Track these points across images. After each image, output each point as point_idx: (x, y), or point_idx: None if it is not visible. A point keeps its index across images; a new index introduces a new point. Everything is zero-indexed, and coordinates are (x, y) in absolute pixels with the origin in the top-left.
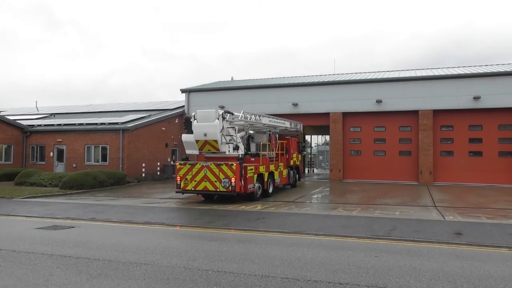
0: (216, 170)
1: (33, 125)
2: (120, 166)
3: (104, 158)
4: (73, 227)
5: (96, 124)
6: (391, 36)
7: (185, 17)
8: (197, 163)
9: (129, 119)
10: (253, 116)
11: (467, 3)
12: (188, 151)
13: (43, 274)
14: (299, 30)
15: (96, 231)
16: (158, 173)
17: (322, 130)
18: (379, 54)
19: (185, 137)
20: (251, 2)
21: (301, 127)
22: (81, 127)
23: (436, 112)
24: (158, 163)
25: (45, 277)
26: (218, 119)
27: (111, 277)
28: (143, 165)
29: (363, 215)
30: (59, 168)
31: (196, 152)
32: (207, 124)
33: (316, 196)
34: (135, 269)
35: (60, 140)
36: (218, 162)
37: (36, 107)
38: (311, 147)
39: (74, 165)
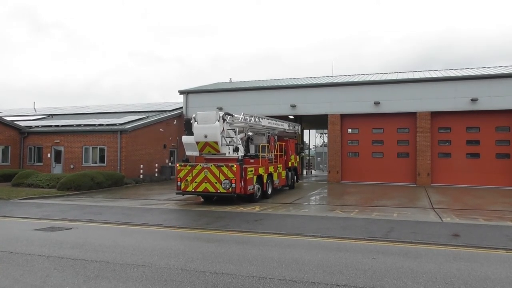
0: (216, 172)
1: (31, 126)
2: (118, 167)
3: (102, 159)
4: (71, 228)
5: (94, 125)
6: (378, 39)
7: (173, 20)
8: (198, 164)
9: (127, 120)
10: (252, 118)
11: (451, 9)
12: (188, 153)
13: (40, 275)
14: (286, 33)
15: (94, 232)
16: (156, 174)
17: (320, 124)
18: (366, 57)
19: (185, 138)
20: (240, 6)
21: (299, 129)
22: (79, 128)
23: (434, 114)
24: (156, 165)
25: (42, 279)
26: (218, 120)
27: (109, 278)
28: (141, 166)
29: (361, 217)
30: (57, 169)
31: (196, 153)
32: (207, 125)
33: (314, 197)
34: (133, 270)
35: (57, 141)
36: (219, 164)
37: (34, 108)
38: (309, 148)
39: (71, 166)
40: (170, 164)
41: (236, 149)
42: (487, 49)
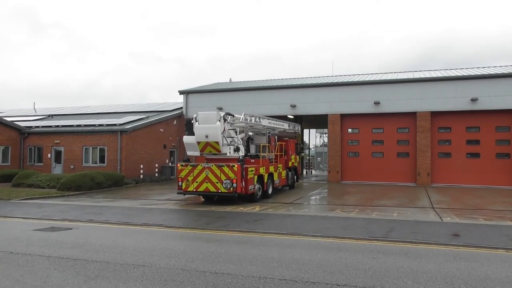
0: (217, 171)
1: (31, 127)
2: (118, 167)
3: (102, 160)
4: (71, 228)
5: (94, 125)
6: (377, 39)
7: (173, 20)
8: (199, 164)
9: (127, 121)
10: (253, 118)
11: (450, 9)
12: (189, 152)
13: (40, 275)
14: (286, 33)
15: (94, 232)
16: (156, 174)
17: (320, 123)
18: (366, 57)
19: (186, 138)
20: (240, 6)
21: (299, 129)
22: (79, 128)
23: (434, 114)
24: (156, 165)
25: (42, 279)
26: (219, 120)
27: (109, 278)
28: (141, 166)
29: (361, 217)
30: (57, 169)
31: (197, 153)
32: (208, 125)
33: (314, 197)
34: (133, 270)
35: (57, 141)
36: (220, 164)
37: (34, 108)
38: (309, 148)
39: (72, 166)
40: (170, 164)
41: (237, 149)
42: (487, 49)
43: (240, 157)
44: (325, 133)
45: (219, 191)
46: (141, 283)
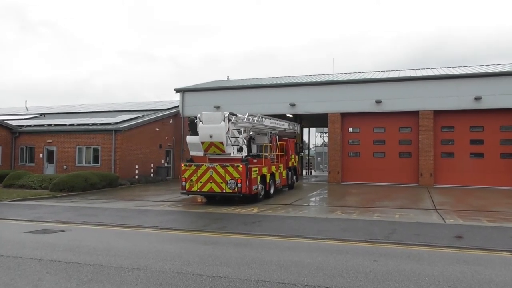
0: (222, 172)
1: (22, 126)
2: (113, 167)
3: (96, 160)
4: (64, 231)
5: (87, 124)
6: (374, 39)
7: (169, 20)
8: (203, 164)
9: (121, 120)
10: (255, 118)
11: (446, 8)
12: (192, 153)
13: (32, 279)
14: (285, 32)
15: (87, 235)
16: (152, 175)
17: (320, 122)
18: (362, 56)
19: (190, 138)
20: (238, 5)
21: (298, 128)
22: (72, 127)
23: (437, 113)
24: (152, 165)
25: (34, 283)
26: (224, 121)
27: (103, 282)
28: (136, 166)
29: (362, 218)
30: (49, 170)
31: (200, 153)
32: (213, 126)
33: (314, 198)
34: (127, 274)
35: (50, 141)
36: (224, 164)
37: (26, 107)
38: (309, 148)
39: (64, 166)
40: (166, 164)
41: (240, 149)
42: (483, 48)
43: (244, 157)
44: (325, 133)
45: (224, 191)
46: (136, 287)
